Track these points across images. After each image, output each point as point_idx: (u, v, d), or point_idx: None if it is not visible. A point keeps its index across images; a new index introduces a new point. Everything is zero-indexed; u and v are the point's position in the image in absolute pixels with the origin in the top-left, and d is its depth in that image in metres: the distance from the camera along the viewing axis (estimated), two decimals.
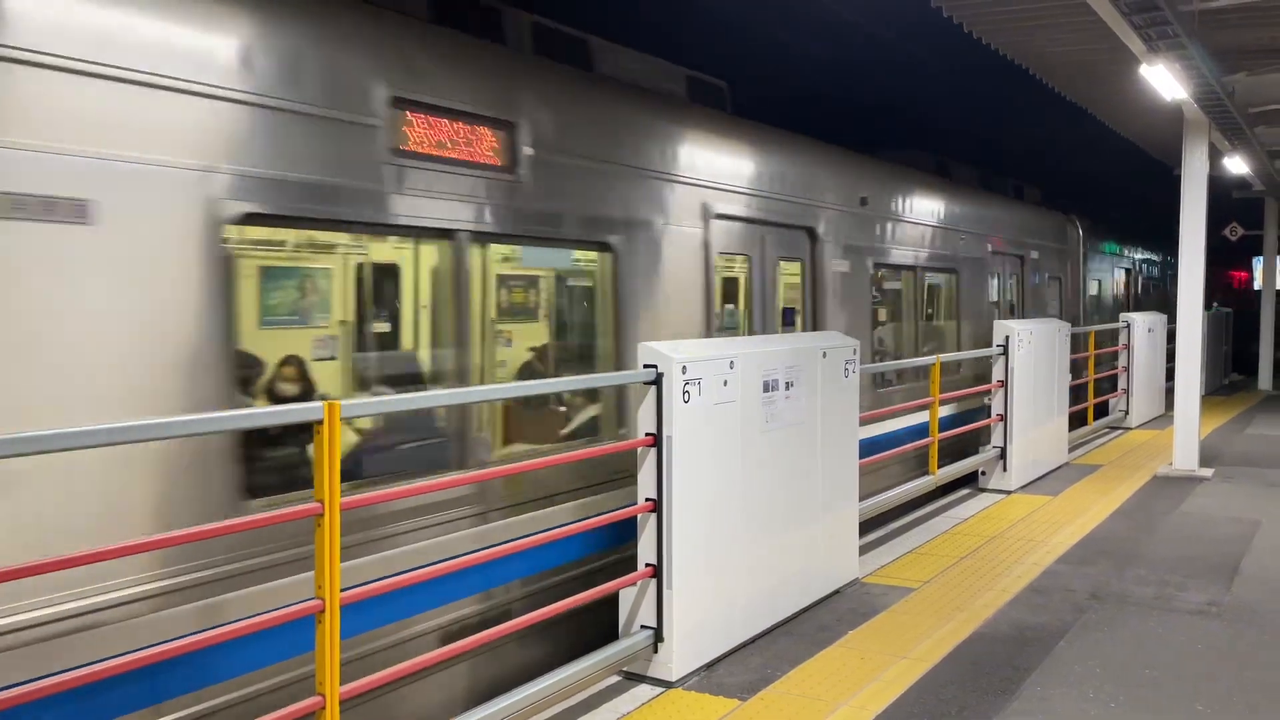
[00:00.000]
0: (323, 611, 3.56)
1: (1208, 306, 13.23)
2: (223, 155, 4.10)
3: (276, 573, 4.23)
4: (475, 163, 5.29)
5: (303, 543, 4.13)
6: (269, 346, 4.85)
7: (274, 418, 3.86)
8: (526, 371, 6.15)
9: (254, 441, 4.42)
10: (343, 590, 3.63)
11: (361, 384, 5.30)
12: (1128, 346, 14.20)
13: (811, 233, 8.52)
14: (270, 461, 4.67)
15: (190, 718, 3.89)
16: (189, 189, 3.98)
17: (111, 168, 3.73)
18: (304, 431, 4.11)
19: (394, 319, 5.56)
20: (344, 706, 3.64)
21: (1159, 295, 22.41)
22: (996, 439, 9.72)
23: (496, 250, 5.70)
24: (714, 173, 7.22)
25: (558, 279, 6.43)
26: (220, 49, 4.14)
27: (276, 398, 4.82)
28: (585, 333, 6.65)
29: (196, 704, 3.91)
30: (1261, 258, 20.47)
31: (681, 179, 6.85)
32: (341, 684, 3.61)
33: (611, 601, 5.11)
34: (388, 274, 5.44)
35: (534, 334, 6.29)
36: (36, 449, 2.94)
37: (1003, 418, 9.67)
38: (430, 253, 5.34)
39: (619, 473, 5.78)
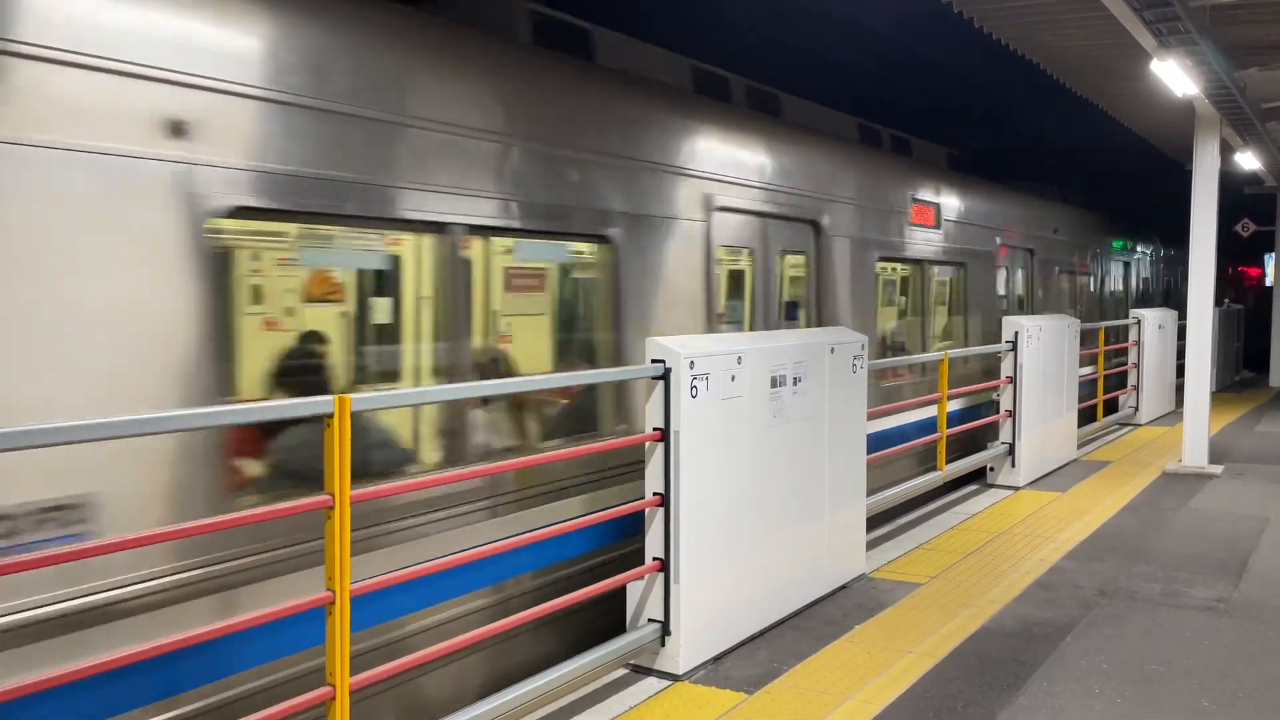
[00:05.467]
0: (333, 603, 3.60)
1: (1219, 303, 13.16)
2: None
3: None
4: None
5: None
6: None
7: (285, 411, 3.89)
8: None
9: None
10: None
11: None
12: (1138, 343, 14.18)
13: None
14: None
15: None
16: None
17: None
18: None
19: None
20: (355, 696, 3.67)
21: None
22: (1005, 435, 9.72)
23: None
24: None
25: None
26: None
27: None
28: None
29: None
30: (1274, 254, 20.38)
31: None
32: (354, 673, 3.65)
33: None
34: None
35: None
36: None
37: (1011, 414, 9.67)
38: None
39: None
